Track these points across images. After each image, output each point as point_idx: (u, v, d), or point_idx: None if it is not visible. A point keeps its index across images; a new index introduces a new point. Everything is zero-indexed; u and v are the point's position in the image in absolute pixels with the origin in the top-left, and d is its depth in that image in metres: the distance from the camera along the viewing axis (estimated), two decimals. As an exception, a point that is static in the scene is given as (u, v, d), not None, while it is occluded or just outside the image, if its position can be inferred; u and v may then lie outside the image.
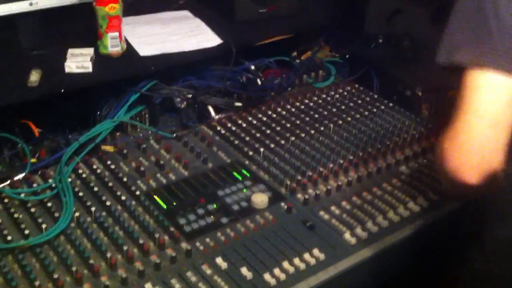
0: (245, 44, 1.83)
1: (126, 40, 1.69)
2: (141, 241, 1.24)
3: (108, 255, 1.19)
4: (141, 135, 1.62)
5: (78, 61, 1.53)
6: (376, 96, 1.88)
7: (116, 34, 1.58)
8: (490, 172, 0.97)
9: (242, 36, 1.84)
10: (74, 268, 1.17)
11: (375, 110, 1.79)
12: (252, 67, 1.86)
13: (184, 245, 1.25)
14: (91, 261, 1.19)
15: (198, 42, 1.73)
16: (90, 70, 1.54)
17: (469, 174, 0.97)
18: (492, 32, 0.95)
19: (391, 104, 1.82)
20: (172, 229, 1.28)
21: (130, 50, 1.67)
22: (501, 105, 0.95)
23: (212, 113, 1.73)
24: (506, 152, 0.98)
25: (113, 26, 1.57)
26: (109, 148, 1.54)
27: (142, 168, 1.46)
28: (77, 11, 1.66)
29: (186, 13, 1.91)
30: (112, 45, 1.59)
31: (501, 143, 0.96)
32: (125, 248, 1.22)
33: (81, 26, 1.69)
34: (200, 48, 1.72)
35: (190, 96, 1.69)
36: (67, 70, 1.53)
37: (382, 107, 1.80)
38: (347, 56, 2.06)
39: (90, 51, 1.58)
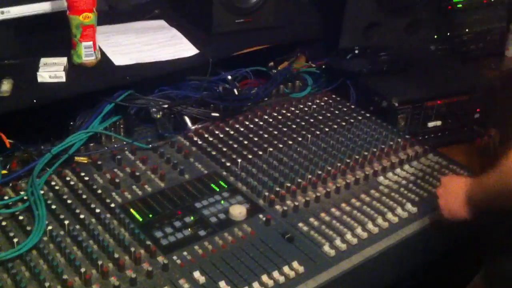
0: (222, 54, 1.81)
1: (101, 50, 1.66)
2: (116, 256, 1.20)
3: (82, 270, 1.16)
4: (116, 146, 1.59)
5: (51, 71, 1.50)
6: (353, 106, 1.87)
7: (90, 43, 1.55)
8: None
9: (219, 46, 1.83)
10: (47, 284, 1.13)
11: (352, 120, 1.78)
12: (229, 77, 1.85)
13: (160, 259, 1.22)
14: (65, 277, 1.15)
15: (174, 52, 1.71)
16: (64, 79, 1.50)
17: None
18: None
19: (368, 115, 1.82)
20: (148, 242, 1.25)
21: (104, 60, 1.64)
22: None
23: (189, 123, 1.71)
24: None
25: (87, 36, 1.54)
26: (83, 159, 1.51)
27: (117, 180, 1.43)
28: (50, 20, 1.63)
29: (161, 22, 1.89)
30: (86, 54, 1.56)
31: None
32: (99, 262, 1.18)
33: (55, 35, 1.65)
34: (176, 58, 1.70)
35: (166, 106, 1.66)
36: (39, 79, 1.50)
37: (359, 117, 1.80)
38: (323, 66, 2.06)
39: (63, 60, 1.55)
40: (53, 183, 1.41)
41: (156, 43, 1.75)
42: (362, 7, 2.04)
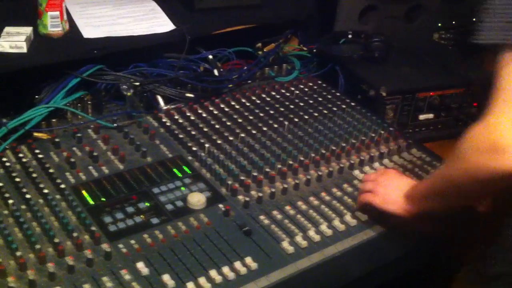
0: (203, 31, 1.71)
1: (72, 21, 1.58)
2: (56, 240, 1.13)
3: (18, 253, 1.09)
4: (82, 123, 1.51)
5: (12, 40, 1.41)
6: (339, 94, 1.77)
7: (57, 13, 1.47)
8: None
9: (200, 23, 1.73)
10: (-22, 266, 1.06)
11: (335, 109, 1.68)
12: (210, 57, 1.76)
13: (104, 246, 1.14)
14: (-2, 260, 1.08)
15: (149, 27, 1.62)
16: (25, 50, 1.42)
17: None
18: None
19: (353, 104, 1.71)
20: (93, 228, 1.17)
21: (73, 32, 1.56)
22: None
23: (161, 103, 1.62)
24: None
25: (53, 5, 1.46)
26: (42, 135, 1.43)
27: (73, 159, 1.35)
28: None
29: (143, -5, 1.80)
30: (52, 24, 1.48)
31: None
32: (37, 247, 1.11)
33: (23, 3, 1.57)
34: (151, 33, 1.61)
35: (137, 84, 1.57)
36: (-1, 49, 1.42)
37: (344, 106, 1.70)
38: (314, 50, 1.96)
39: (27, 30, 1.47)
40: (4, 159, 1.34)
41: (132, 16, 1.66)
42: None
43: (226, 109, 1.63)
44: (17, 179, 1.28)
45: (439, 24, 2.19)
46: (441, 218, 1.20)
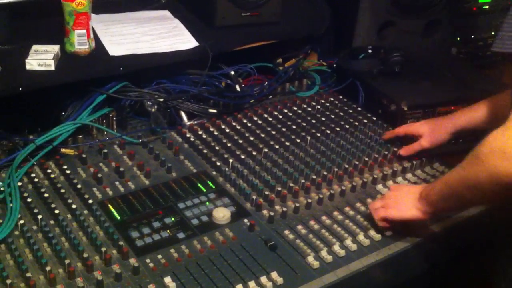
0: (224, 48, 1.73)
1: (97, 39, 1.61)
2: (85, 255, 1.15)
3: (48, 268, 1.10)
4: (107, 139, 1.54)
5: (40, 58, 1.44)
6: (360, 109, 1.78)
7: (84, 31, 1.50)
8: None
9: (222, 40, 1.75)
10: (9, 281, 1.08)
11: (357, 123, 1.69)
12: (232, 73, 1.78)
13: (132, 261, 1.16)
14: (28, 275, 1.09)
15: (172, 44, 1.64)
16: (53, 68, 1.45)
17: None
18: None
19: (374, 118, 1.72)
20: (121, 243, 1.19)
21: (99, 49, 1.58)
22: None
23: (185, 119, 1.65)
24: None
25: (80, 23, 1.49)
26: (69, 151, 1.46)
27: (100, 175, 1.37)
28: (47, 6, 1.58)
29: (165, 13, 1.82)
30: (79, 43, 1.50)
31: None
32: (67, 261, 1.12)
33: (51, 22, 1.60)
34: (174, 50, 1.63)
35: (161, 100, 1.60)
36: (28, 67, 1.45)
37: (365, 121, 1.71)
38: (334, 65, 1.97)
39: (55, 48, 1.50)
40: (33, 174, 1.37)
41: (156, 34, 1.68)
42: (377, 5, 1.94)
43: (249, 124, 1.65)
44: (46, 195, 1.30)
45: (458, 38, 2.20)
46: None
